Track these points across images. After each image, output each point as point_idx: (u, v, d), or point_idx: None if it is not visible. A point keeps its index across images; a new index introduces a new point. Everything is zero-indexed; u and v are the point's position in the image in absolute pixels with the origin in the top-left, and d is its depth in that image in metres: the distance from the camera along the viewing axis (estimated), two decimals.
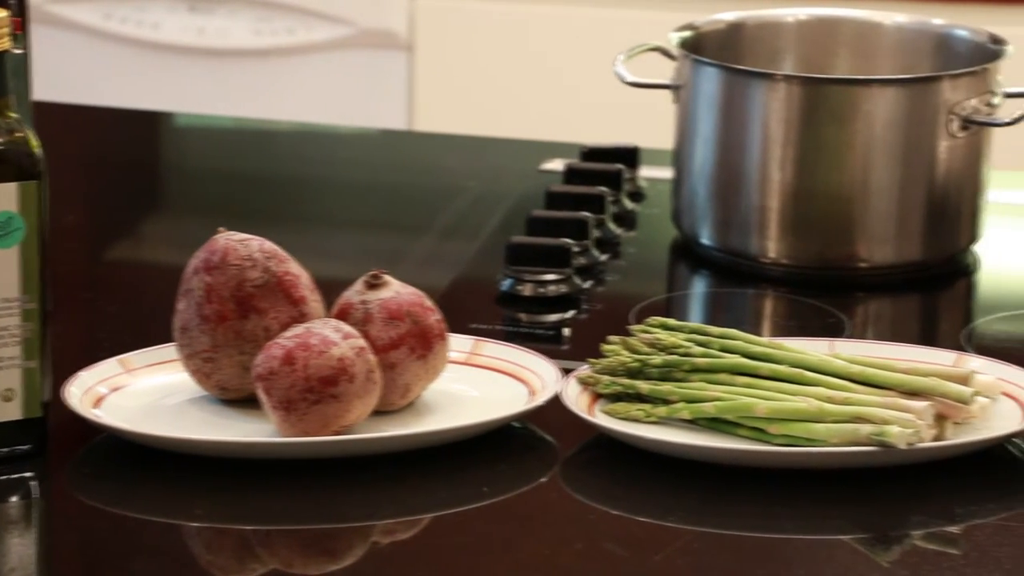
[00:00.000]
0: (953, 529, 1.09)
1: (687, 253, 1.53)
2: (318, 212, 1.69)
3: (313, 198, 1.73)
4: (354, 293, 1.20)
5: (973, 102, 1.44)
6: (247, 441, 1.15)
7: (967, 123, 1.44)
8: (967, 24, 1.55)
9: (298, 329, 1.16)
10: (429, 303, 1.21)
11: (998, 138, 1.49)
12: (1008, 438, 1.16)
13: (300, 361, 1.14)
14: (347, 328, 1.16)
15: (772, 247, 1.47)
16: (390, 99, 2.65)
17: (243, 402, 1.20)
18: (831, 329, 1.37)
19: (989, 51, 1.49)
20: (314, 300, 1.21)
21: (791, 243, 1.46)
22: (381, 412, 1.19)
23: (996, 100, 1.45)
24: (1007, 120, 1.43)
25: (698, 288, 1.52)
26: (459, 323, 1.30)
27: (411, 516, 1.12)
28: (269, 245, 1.21)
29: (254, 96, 2.67)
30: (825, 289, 1.45)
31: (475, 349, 1.26)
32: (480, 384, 1.23)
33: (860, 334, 1.37)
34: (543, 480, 1.15)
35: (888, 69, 1.57)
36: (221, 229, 1.21)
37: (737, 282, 1.48)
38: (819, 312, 1.41)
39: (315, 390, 1.14)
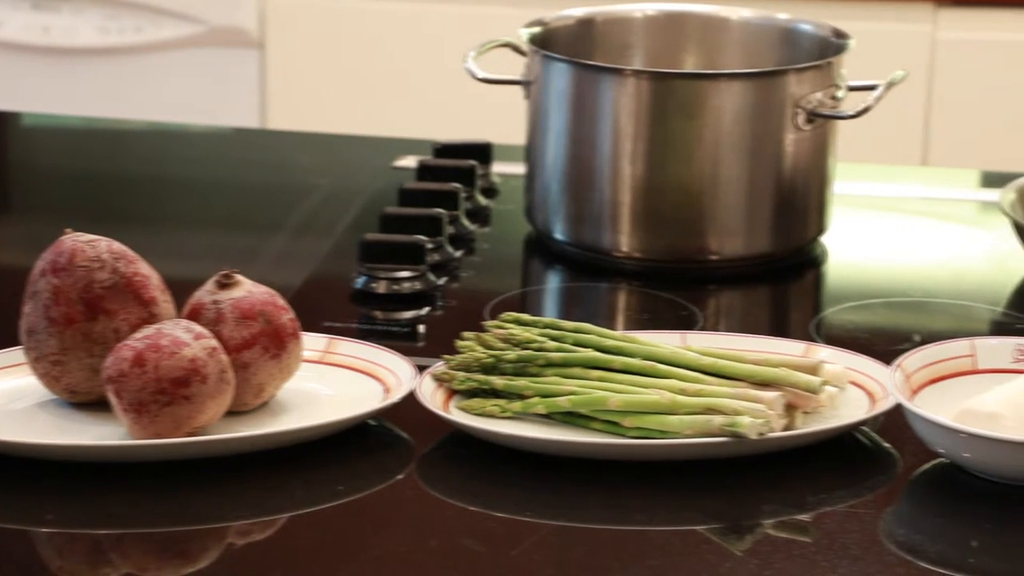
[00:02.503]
0: (804, 517, 1.11)
1: (540, 248, 1.54)
2: (169, 212, 1.67)
3: (164, 198, 1.71)
4: (205, 293, 1.19)
5: (818, 95, 1.46)
6: (98, 444, 1.14)
7: (812, 116, 1.46)
8: (811, 19, 1.57)
9: (148, 330, 1.15)
10: (282, 302, 1.20)
11: (843, 131, 1.52)
12: (856, 426, 1.18)
13: (151, 363, 1.13)
14: (199, 328, 1.15)
15: (624, 241, 1.48)
16: (242, 97, 2.63)
17: (93, 405, 1.18)
18: (683, 322, 1.38)
19: (832, 45, 1.51)
20: (165, 301, 1.20)
21: (643, 237, 1.48)
22: (235, 412, 1.18)
23: (840, 93, 1.48)
24: (851, 113, 1.45)
25: (552, 283, 1.53)
26: (313, 321, 1.30)
27: (266, 516, 1.11)
28: (118, 246, 1.19)
29: (103, 95, 2.63)
30: (677, 282, 1.46)
31: (329, 347, 1.26)
32: (335, 382, 1.23)
33: (712, 326, 1.39)
34: (399, 477, 1.15)
35: (735, 63, 1.59)
36: (68, 230, 1.19)
37: (590, 276, 1.49)
38: (671, 305, 1.42)
39: (167, 391, 1.12)
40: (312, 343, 1.24)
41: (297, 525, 1.10)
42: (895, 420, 1.17)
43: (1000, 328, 1.39)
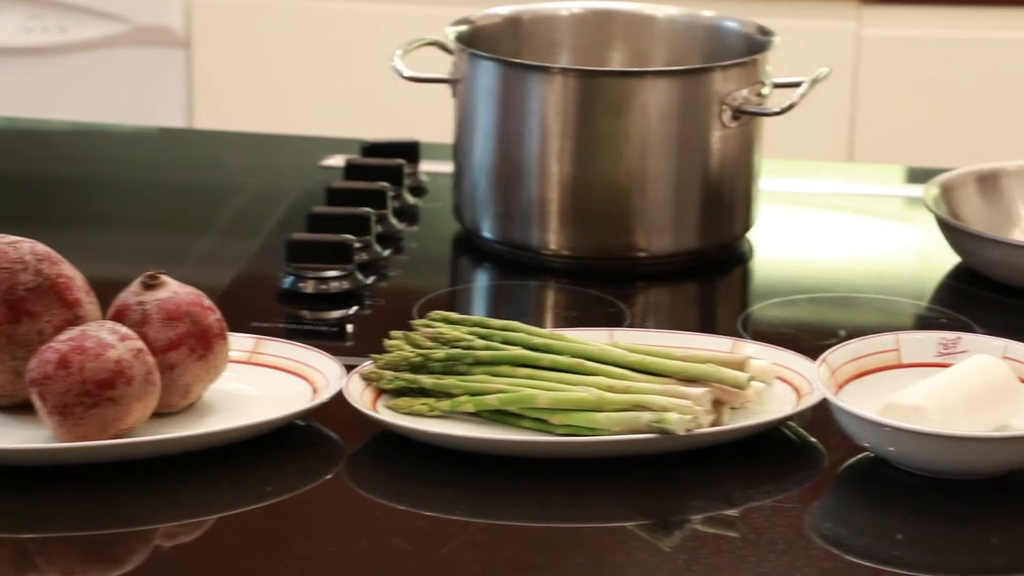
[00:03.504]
0: (731, 512, 1.11)
1: (469, 246, 1.54)
2: (94, 213, 1.66)
3: (89, 199, 1.70)
4: (130, 294, 1.19)
5: (744, 92, 1.46)
6: (22, 448, 1.13)
7: (738, 113, 1.46)
8: (736, 16, 1.58)
9: (73, 332, 1.14)
10: (208, 302, 1.20)
11: (769, 127, 1.52)
12: (782, 421, 1.19)
13: (75, 365, 1.12)
14: (124, 330, 1.15)
15: (552, 239, 1.48)
16: (168, 97, 2.62)
17: (17, 408, 1.17)
18: (612, 319, 1.39)
19: (758, 42, 1.52)
20: (89, 302, 1.19)
21: (571, 234, 1.48)
22: (161, 414, 1.17)
23: (766, 90, 1.48)
24: (777, 110, 1.46)
25: (481, 281, 1.53)
26: (240, 322, 1.29)
27: (194, 518, 1.10)
28: (41, 247, 1.18)
29: (27, 95, 2.61)
30: (605, 279, 1.46)
31: (257, 348, 1.25)
32: (262, 383, 1.23)
33: (640, 323, 1.39)
34: (328, 477, 1.15)
35: (661, 61, 1.60)
36: None
37: (519, 274, 1.49)
38: (600, 302, 1.42)
39: (92, 394, 1.12)
40: (239, 343, 1.24)
41: (225, 526, 1.10)
42: (821, 415, 1.18)
43: (924, 322, 1.41)
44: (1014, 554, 1.07)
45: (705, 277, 1.50)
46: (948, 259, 1.49)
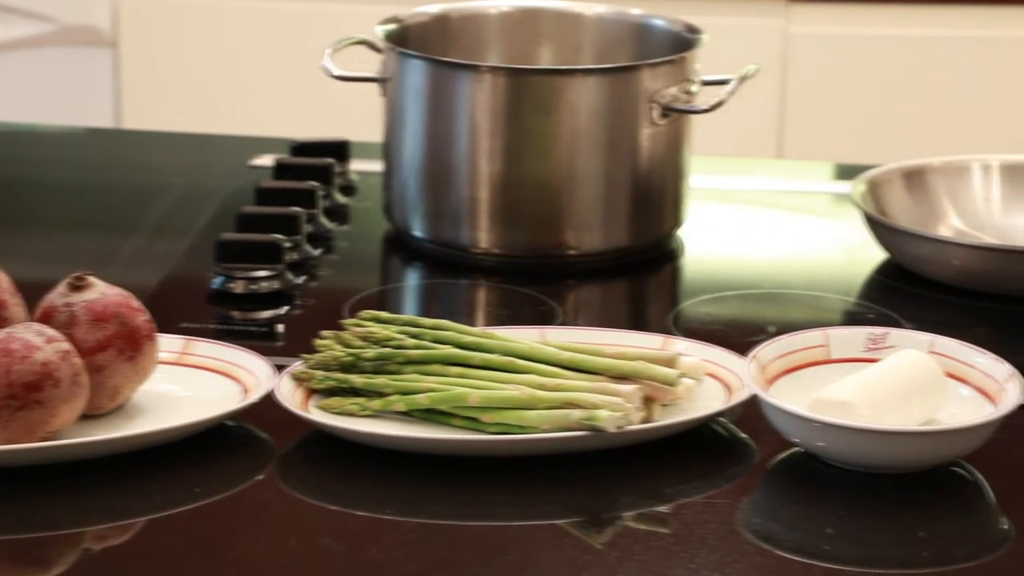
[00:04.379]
0: (662, 509, 1.12)
1: (400, 245, 1.54)
2: (20, 213, 1.64)
3: (15, 199, 1.69)
4: (57, 296, 1.18)
5: (672, 90, 1.47)
6: None
7: (667, 111, 1.47)
8: (664, 14, 1.58)
9: None
10: (137, 303, 1.19)
11: (698, 125, 1.53)
12: (713, 417, 1.19)
13: (1, 367, 1.11)
14: (51, 332, 1.14)
15: (483, 237, 1.48)
16: (95, 97, 2.60)
17: None
18: (543, 317, 1.39)
19: (686, 40, 1.53)
20: (15, 304, 1.18)
21: (501, 233, 1.48)
22: (90, 416, 1.17)
23: (694, 88, 1.49)
24: (705, 107, 1.47)
25: (411, 280, 1.53)
26: (169, 323, 1.28)
27: (124, 520, 1.10)
28: None
29: None
30: (536, 277, 1.46)
31: (186, 349, 1.25)
32: (192, 384, 1.22)
33: (571, 321, 1.40)
34: (259, 478, 1.14)
35: (590, 59, 1.60)
36: None
37: (450, 273, 1.49)
38: (531, 300, 1.42)
39: (18, 396, 1.11)
40: (168, 344, 1.23)
41: (155, 528, 1.09)
42: (751, 410, 1.19)
43: (852, 318, 1.42)
44: (941, 547, 1.08)
45: (635, 274, 1.51)
46: (875, 255, 1.50)
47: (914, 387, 1.17)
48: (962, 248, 1.45)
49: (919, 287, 1.45)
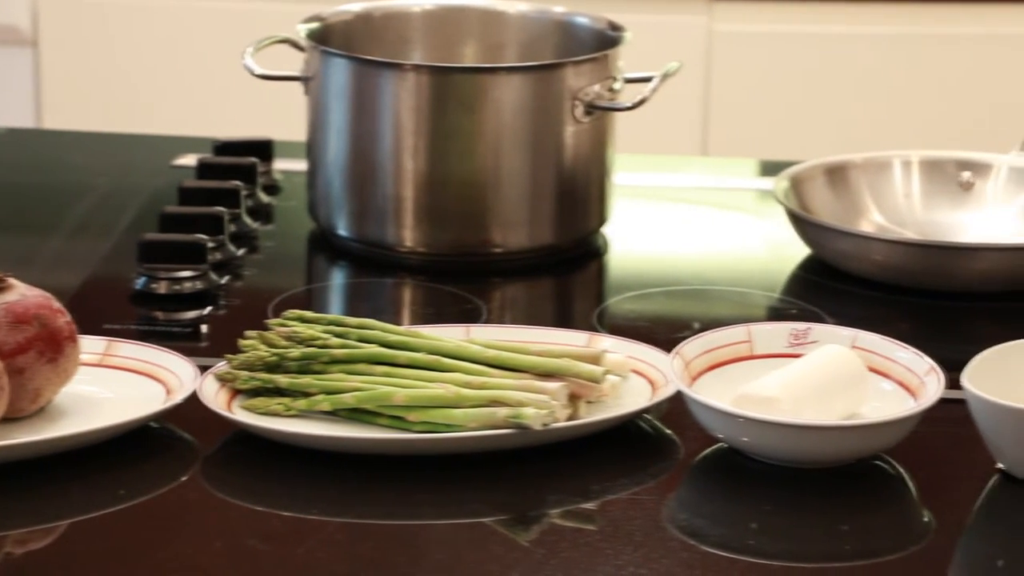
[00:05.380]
0: (589, 506, 1.12)
1: (324, 245, 1.53)
2: None
3: None
4: None
5: (596, 88, 1.47)
6: None
7: (591, 108, 1.47)
8: (587, 12, 1.59)
9: None
10: (58, 305, 1.18)
11: (624, 122, 1.53)
12: (638, 414, 1.20)
13: None
14: None
15: (408, 236, 1.48)
16: (16, 96, 2.57)
17: None
18: (468, 315, 1.39)
19: (609, 38, 1.53)
20: None
21: (426, 231, 1.48)
22: (10, 419, 1.15)
23: (617, 85, 1.49)
24: (628, 104, 1.47)
25: (337, 279, 1.53)
26: (92, 324, 1.27)
27: (46, 524, 1.09)
28: None
29: None
30: (462, 276, 1.46)
31: (108, 350, 1.24)
32: (115, 385, 1.21)
33: (497, 319, 1.40)
34: (183, 479, 1.14)
35: (514, 57, 1.60)
36: None
37: (375, 272, 1.48)
38: (456, 299, 1.42)
39: None
40: (90, 346, 1.22)
41: (77, 532, 1.08)
42: (676, 407, 1.19)
43: (775, 314, 1.42)
44: (865, 540, 1.08)
45: (561, 272, 1.51)
46: (799, 251, 1.51)
47: (837, 382, 1.18)
48: (883, 243, 1.46)
49: (842, 282, 1.46)
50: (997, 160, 1.57)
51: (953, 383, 1.15)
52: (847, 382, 1.19)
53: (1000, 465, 1.15)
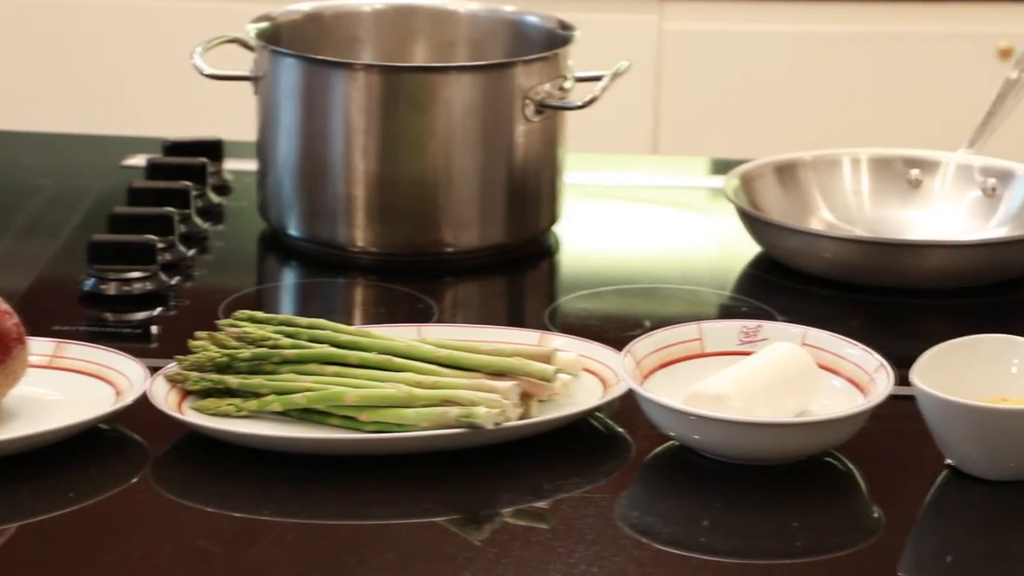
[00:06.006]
0: (541, 504, 1.12)
1: (275, 245, 1.53)
2: None
3: None
4: None
5: (546, 87, 1.47)
6: None
7: (541, 107, 1.47)
8: (537, 11, 1.59)
9: None
10: (5, 306, 1.18)
11: (575, 121, 1.53)
12: (590, 412, 1.20)
13: None
14: None
15: (359, 236, 1.48)
16: None
17: None
18: (419, 315, 1.39)
19: (559, 37, 1.53)
20: None
21: (378, 231, 1.48)
22: None
23: (568, 84, 1.50)
24: (579, 103, 1.47)
25: (288, 279, 1.52)
26: (40, 326, 1.27)
27: None
28: None
29: None
30: (413, 275, 1.46)
31: (57, 351, 1.23)
32: (64, 387, 1.20)
33: (449, 318, 1.40)
34: (133, 481, 1.13)
35: (464, 56, 1.60)
36: None
37: (326, 272, 1.48)
38: (407, 298, 1.42)
39: None
40: (39, 347, 1.21)
41: (26, 534, 1.07)
42: (628, 405, 1.19)
43: (726, 311, 1.43)
44: (815, 536, 1.09)
45: (512, 271, 1.51)
46: (749, 248, 1.52)
47: (787, 379, 1.18)
48: (833, 241, 1.46)
49: (792, 280, 1.46)
50: (945, 158, 1.58)
51: (902, 380, 1.16)
52: (797, 379, 1.19)
53: (949, 461, 1.15)
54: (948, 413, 1.13)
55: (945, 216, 1.56)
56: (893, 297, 1.43)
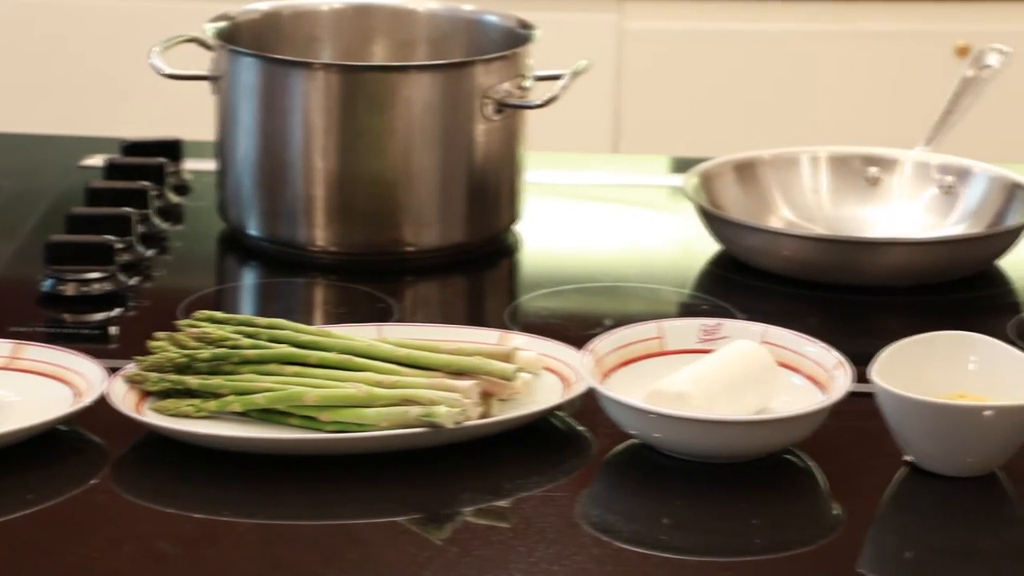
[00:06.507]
0: (502, 503, 1.12)
1: (235, 245, 1.53)
2: None
3: None
4: None
5: (506, 86, 1.47)
6: None
7: (501, 106, 1.47)
8: (497, 10, 1.59)
9: None
10: None
11: (536, 120, 1.54)
12: (551, 411, 1.20)
13: None
14: None
15: (319, 235, 1.48)
16: None
17: None
18: (380, 314, 1.38)
19: (518, 36, 1.53)
20: None
21: (338, 231, 1.47)
22: None
23: (527, 83, 1.50)
24: (539, 102, 1.47)
25: (247, 280, 1.52)
26: None
27: None
28: None
29: None
30: (373, 275, 1.46)
31: (15, 353, 1.22)
32: (22, 388, 1.20)
33: (409, 318, 1.39)
34: (93, 482, 1.13)
35: (423, 55, 1.60)
36: None
37: (287, 272, 1.48)
38: (368, 298, 1.42)
39: None
40: None
41: None
42: (588, 403, 1.19)
43: (687, 310, 1.43)
44: (775, 534, 1.09)
45: (473, 270, 1.51)
46: (710, 247, 1.52)
47: (747, 377, 1.19)
48: (792, 239, 1.47)
49: (752, 278, 1.47)
50: (903, 156, 1.59)
51: (861, 377, 1.16)
52: (757, 377, 1.19)
53: (908, 457, 1.16)
54: (906, 410, 1.13)
55: (903, 214, 1.56)
56: (852, 295, 1.43)
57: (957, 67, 1.71)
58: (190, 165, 1.66)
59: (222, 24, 1.53)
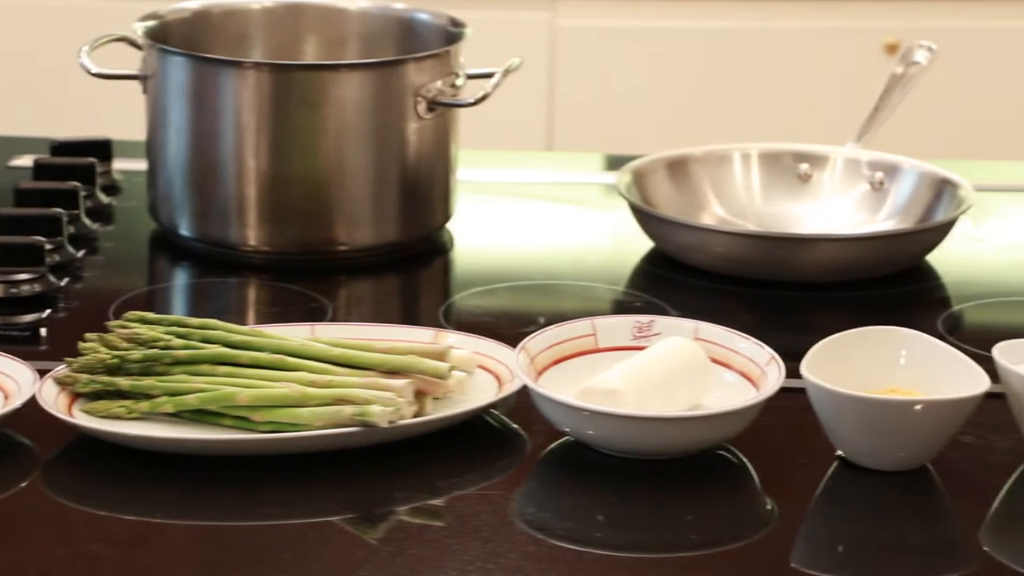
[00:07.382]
0: (436, 502, 1.12)
1: (167, 245, 1.52)
2: None
3: None
4: None
5: (438, 84, 1.47)
6: None
7: (433, 104, 1.47)
8: (429, 8, 1.59)
9: None
10: None
11: (470, 118, 1.53)
12: (485, 409, 1.20)
13: None
14: None
15: (252, 235, 1.47)
16: None
17: None
18: (313, 313, 1.38)
19: (450, 34, 1.53)
20: None
21: (270, 230, 1.47)
22: None
23: (459, 81, 1.49)
24: (471, 100, 1.47)
25: (180, 280, 1.51)
26: None
27: None
28: None
29: None
30: (307, 274, 1.46)
31: None
32: None
33: (343, 317, 1.39)
34: (23, 485, 1.12)
35: (355, 54, 1.60)
36: None
37: (219, 272, 1.47)
38: (301, 297, 1.42)
39: None
40: None
41: None
42: (522, 401, 1.20)
43: (620, 307, 1.43)
44: (708, 530, 1.10)
45: (406, 269, 1.51)
46: (642, 244, 1.52)
47: (680, 373, 1.19)
48: (724, 236, 1.47)
49: (684, 275, 1.47)
50: (833, 152, 1.60)
51: (793, 372, 1.17)
52: (690, 373, 1.20)
53: (839, 452, 1.16)
54: (838, 405, 1.14)
55: (834, 210, 1.57)
56: (784, 290, 1.44)
57: (886, 64, 1.72)
58: (120, 165, 1.65)
59: (151, 23, 1.52)
